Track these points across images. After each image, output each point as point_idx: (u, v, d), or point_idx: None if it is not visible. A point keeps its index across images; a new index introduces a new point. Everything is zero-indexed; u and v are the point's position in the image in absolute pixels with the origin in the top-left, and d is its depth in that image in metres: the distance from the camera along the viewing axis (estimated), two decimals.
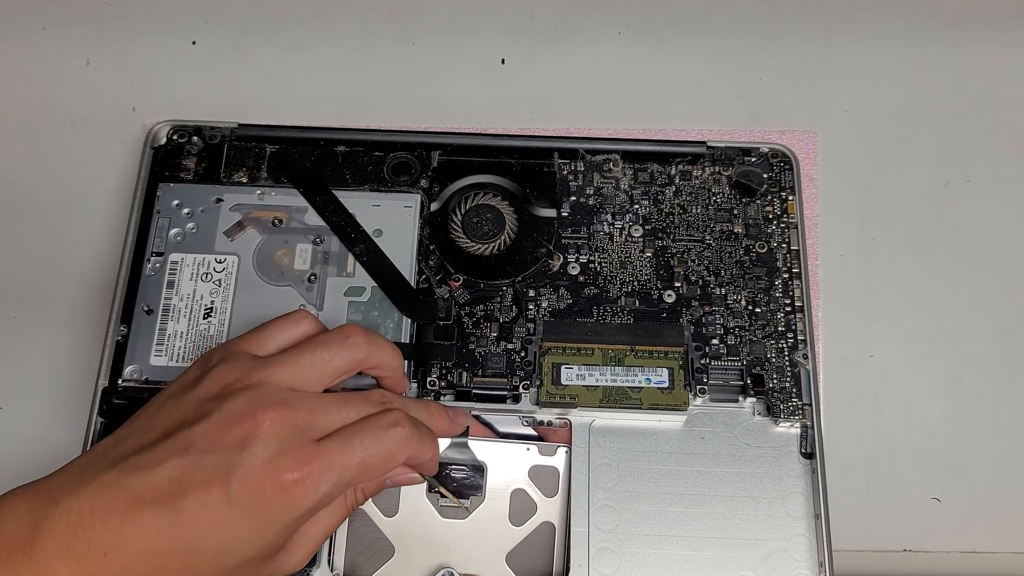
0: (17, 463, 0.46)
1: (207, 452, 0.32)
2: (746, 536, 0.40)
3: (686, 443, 0.42)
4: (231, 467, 0.32)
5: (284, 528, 0.33)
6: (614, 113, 0.52)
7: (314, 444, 0.33)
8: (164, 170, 0.46)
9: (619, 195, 0.47)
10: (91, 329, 0.47)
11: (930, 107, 0.53)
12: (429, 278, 0.44)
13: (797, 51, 0.54)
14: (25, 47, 0.53)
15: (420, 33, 0.54)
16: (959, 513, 0.46)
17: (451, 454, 0.41)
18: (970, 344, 0.48)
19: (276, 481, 0.32)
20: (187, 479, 0.31)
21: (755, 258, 0.45)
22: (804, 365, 0.43)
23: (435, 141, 0.48)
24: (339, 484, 0.33)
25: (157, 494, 0.31)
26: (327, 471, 0.33)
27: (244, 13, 0.54)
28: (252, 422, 0.32)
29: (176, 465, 0.32)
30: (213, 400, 0.34)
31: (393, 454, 0.35)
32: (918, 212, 0.51)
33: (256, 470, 0.32)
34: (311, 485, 0.32)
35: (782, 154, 0.48)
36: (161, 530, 0.31)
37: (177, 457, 0.32)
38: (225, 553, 0.32)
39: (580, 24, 0.54)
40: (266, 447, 0.32)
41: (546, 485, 0.41)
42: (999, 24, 0.54)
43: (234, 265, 0.44)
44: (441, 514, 0.41)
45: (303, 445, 0.33)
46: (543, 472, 0.42)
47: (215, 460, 0.32)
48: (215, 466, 0.32)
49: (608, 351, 0.43)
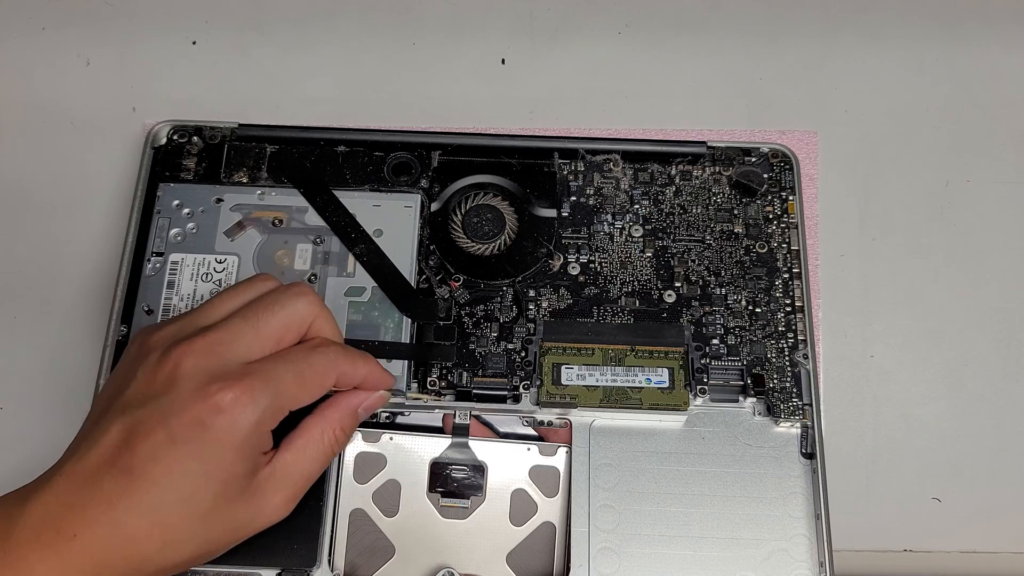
0: (17, 463, 0.46)
1: (141, 405, 0.33)
2: (746, 536, 0.40)
3: (686, 443, 0.42)
4: (164, 408, 0.32)
5: (236, 453, 0.33)
6: (614, 113, 0.52)
7: (244, 364, 0.34)
8: (164, 170, 0.46)
9: (619, 195, 0.47)
10: (91, 329, 0.47)
11: (930, 107, 0.53)
12: (429, 278, 0.44)
13: (797, 51, 0.54)
14: (25, 47, 0.53)
15: (420, 33, 0.54)
16: (959, 513, 0.46)
17: (452, 454, 0.41)
18: (970, 344, 0.48)
19: (211, 405, 0.32)
20: (130, 437, 0.32)
21: (755, 258, 0.45)
22: (804, 365, 0.43)
23: (435, 141, 0.48)
24: (278, 397, 0.33)
25: (107, 462, 0.32)
26: (262, 384, 0.33)
27: (244, 13, 0.54)
28: (173, 362, 0.33)
29: (117, 429, 0.32)
30: (136, 361, 0.34)
31: (325, 364, 0.35)
32: (918, 212, 0.51)
33: (188, 402, 0.32)
34: (248, 401, 0.33)
35: (782, 154, 0.48)
36: (120, 495, 0.31)
37: (117, 422, 0.33)
38: (188, 497, 0.32)
39: (580, 24, 0.54)
40: (193, 379, 0.33)
41: (546, 485, 0.41)
42: (999, 24, 0.54)
43: (234, 265, 0.44)
44: (441, 514, 0.41)
45: (227, 364, 0.33)
46: (543, 472, 0.42)
47: (149, 409, 0.32)
48: (150, 414, 0.32)
49: (608, 351, 0.43)
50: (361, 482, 0.41)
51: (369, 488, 0.41)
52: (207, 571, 0.38)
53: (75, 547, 0.31)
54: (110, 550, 0.31)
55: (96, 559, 0.31)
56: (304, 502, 0.36)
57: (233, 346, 0.34)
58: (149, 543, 0.32)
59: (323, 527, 0.40)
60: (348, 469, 0.41)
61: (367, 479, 0.41)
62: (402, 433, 0.42)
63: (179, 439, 0.32)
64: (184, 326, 0.35)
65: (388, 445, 0.42)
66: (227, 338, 0.34)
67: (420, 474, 0.41)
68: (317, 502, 0.40)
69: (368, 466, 0.41)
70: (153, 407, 0.32)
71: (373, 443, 0.42)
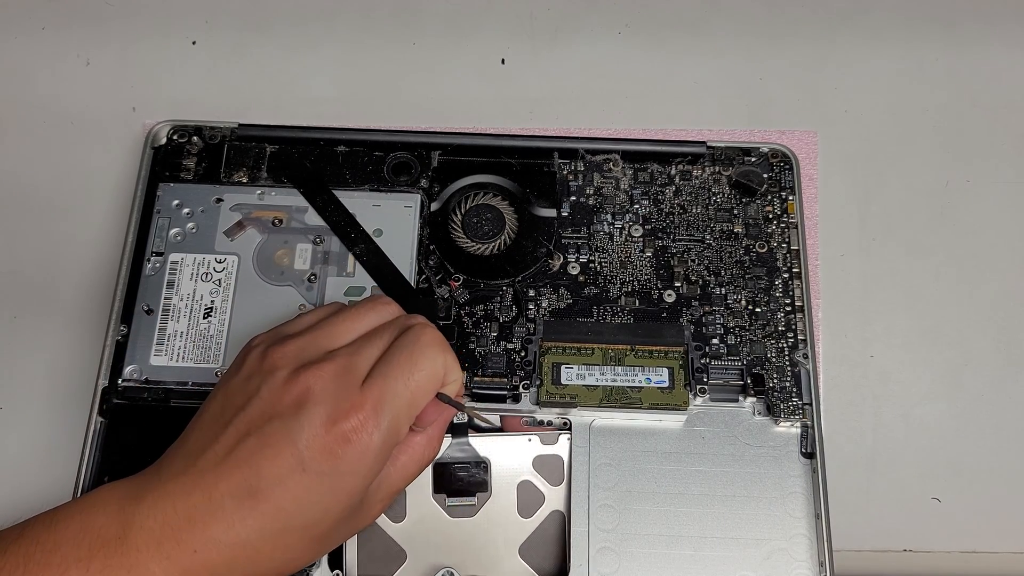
0: (17, 463, 0.46)
1: (267, 422, 0.32)
2: (746, 536, 0.40)
3: (686, 443, 0.42)
4: (294, 432, 0.32)
5: (362, 479, 0.33)
6: (614, 113, 0.52)
7: (360, 388, 0.33)
8: (164, 170, 0.46)
9: (619, 195, 0.47)
10: (91, 329, 0.47)
11: (930, 107, 0.53)
12: (429, 278, 0.44)
13: (797, 51, 0.54)
14: (25, 47, 0.53)
15: (420, 33, 0.54)
16: (959, 513, 0.46)
17: (454, 453, 0.41)
18: (970, 344, 0.48)
19: (339, 435, 0.32)
20: (256, 456, 0.32)
21: (755, 258, 0.45)
22: (804, 365, 0.43)
23: (435, 141, 0.48)
24: (397, 414, 0.34)
25: (232, 481, 0.31)
26: (380, 407, 0.33)
27: (244, 13, 0.54)
28: (303, 386, 0.33)
29: (242, 449, 0.32)
30: (258, 376, 0.34)
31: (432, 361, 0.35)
32: (918, 212, 0.51)
33: (319, 430, 0.32)
34: (372, 426, 0.32)
35: (782, 154, 0.48)
36: (245, 519, 0.31)
37: (241, 441, 0.32)
38: (314, 523, 0.32)
39: (580, 24, 0.54)
40: (321, 403, 0.32)
41: (551, 474, 0.41)
42: (999, 24, 0.54)
43: (234, 265, 0.44)
44: (449, 514, 0.41)
45: (352, 392, 0.33)
46: (547, 461, 0.42)
47: (276, 427, 0.32)
48: (278, 433, 0.32)
49: (608, 351, 0.43)
50: None
51: None
52: None
53: (196, 560, 0.31)
54: (229, 565, 0.31)
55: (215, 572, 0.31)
56: None
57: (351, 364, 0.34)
58: (268, 561, 0.32)
59: None
60: None
61: None
62: None
63: (310, 467, 0.32)
64: (308, 344, 0.35)
65: None
66: (359, 365, 0.34)
67: (424, 476, 0.41)
68: None
69: None
70: (280, 428, 0.32)
71: None
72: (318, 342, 0.35)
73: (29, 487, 0.46)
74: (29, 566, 0.29)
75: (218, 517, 0.31)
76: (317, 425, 0.32)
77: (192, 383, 0.42)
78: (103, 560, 0.30)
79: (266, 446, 0.32)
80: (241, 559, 0.31)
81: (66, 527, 0.31)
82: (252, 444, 0.32)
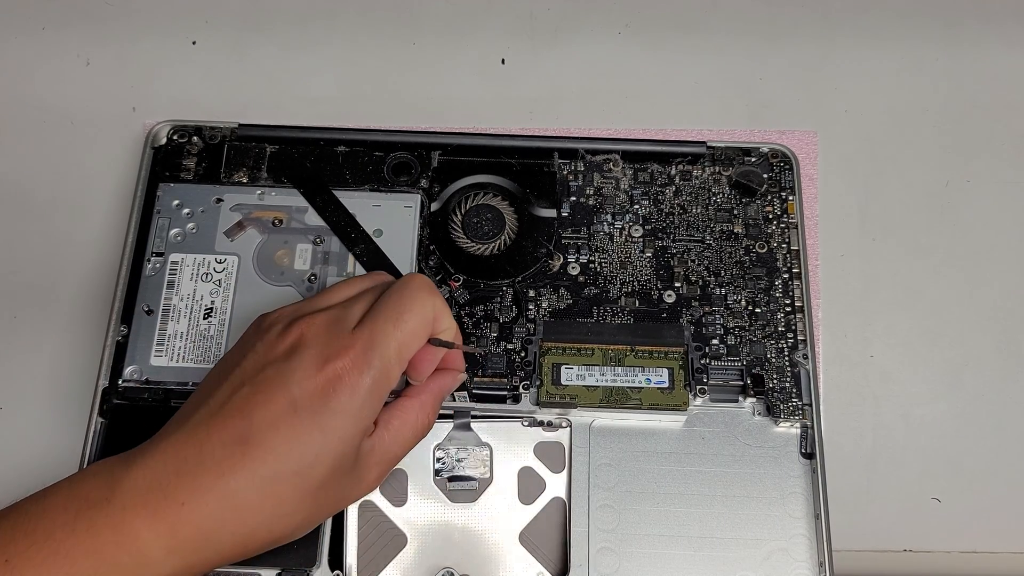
0: (17, 463, 0.46)
1: (260, 371, 0.33)
2: (746, 536, 0.40)
3: (686, 443, 0.42)
4: (286, 375, 0.32)
5: (353, 421, 0.33)
6: (614, 113, 0.52)
7: (350, 331, 0.34)
8: (164, 170, 0.46)
9: (619, 195, 0.47)
10: (91, 329, 0.47)
11: (930, 107, 0.53)
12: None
13: (797, 51, 0.54)
14: (25, 47, 0.53)
15: (420, 33, 0.54)
16: (959, 513, 0.46)
17: (456, 438, 0.42)
18: (970, 344, 0.48)
19: (330, 375, 0.32)
20: (249, 404, 0.32)
21: (755, 258, 0.45)
22: (804, 365, 0.43)
23: (435, 141, 0.48)
24: (387, 356, 0.33)
25: (224, 431, 0.31)
26: (370, 348, 0.33)
27: (244, 13, 0.54)
28: (295, 334, 0.33)
29: (236, 399, 0.32)
30: (254, 337, 0.35)
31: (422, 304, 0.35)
32: (918, 212, 0.51)
33: (311, 370, 0.32)
34: (362, 365, 0.33)
35: (782, 154, 0.48)
36: (234, 466, 0.31)
37: (235, 392, 0.32)
38: (305, 469, 0.32)
39: (580, 24, 0.54)
40: (313, 346, 0.33)
41: (552, 461, 0.42)
42: (999, 24, 0.54)
43: (234, 265, 0.44)
44: (450, 499, 0.41)
45: (343, 335, 0.33)
46: (548, 448, 0.42)
47: (269, 373, 0.32)
48: (271, 379, 0.32)
49: (608, 351, 0.43)
50: None
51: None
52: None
53: (183, 514, 0.30)
54: (218, 520, 0.31)
55: (203, 528, 0.30)
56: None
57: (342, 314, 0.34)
58: (259, 515, 0.31)
59: (323, 526, 0.40)
60: None
61: None
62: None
63: (301, 407, 0.32)
64: (303, 306, 0.36)
65: None
66: (350, 314, 0.34)
67: (426, 461, 0.41)
68: None
69: None
70: (273, 373, 0.32)
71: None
72: (312, 304, 0.36)
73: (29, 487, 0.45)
74: (15, 535, 0.30)
75: (207, 467, 0.31)
76: (308, 366, 0.32)
77: (192, 383, 0.42)
78: (88, 521, 0.30)
79: (258, 392, 0.32)
80: (230, 513, 0.31)
81: (55, 496, 0.31)
82: (245, 393, 0.32)
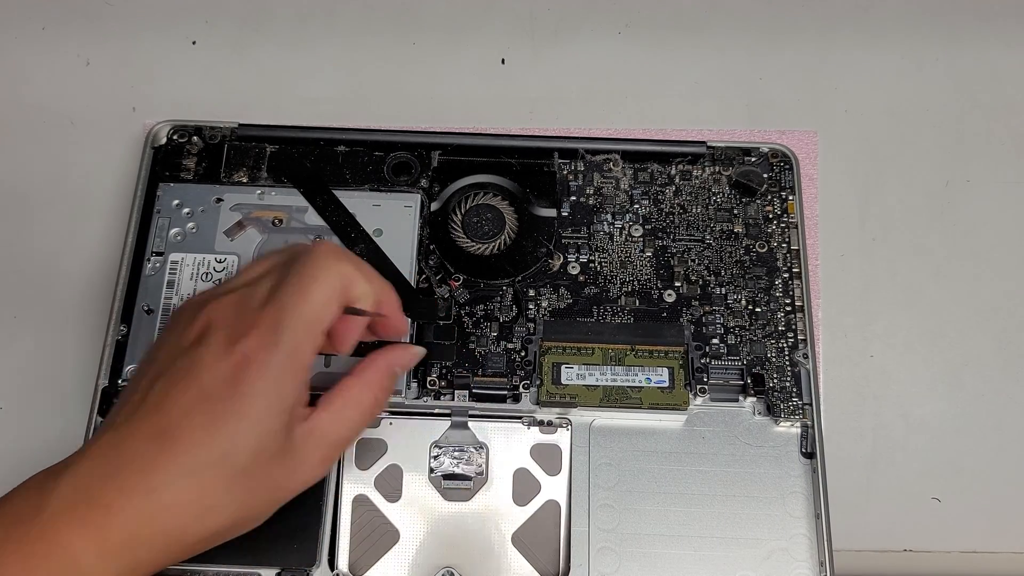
0: (17, 463, 0.46)
1: (172, 361, 0.32)
2: (746, 536, 0.40)
3: (686, 443, 0.42)
4: (196, 362, 0.32)
5: (266, 401, 0.32)
6: (614, 113, 0.52)
7: (258, 310, 0.33)
8: (164, 170, 0.46)
9: (619, 195, 0.47)
10: (91, 329, 0.47)
11: (930, 107, 0.53)
12: (429, 278, 0.44)
13: (797, 51, 0.54)
14: (25, 47, 0.53)
15: (420, 33, 0.54)
16: (959, 513, 0.46)
17: (452, 436, 0.42)
18: (970, 344, 0.48)
19: (238, 357, 0.32)
20: (164, 398, 0.31)
21: (755, 258, 0.45)
22: (804, 365, 0.43)
23: (435, 141, 0.48)
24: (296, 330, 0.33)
25: (143, 427, 0.31)
26: (278, 324, 0.32)
27: (244, 13, 0.54)
28: (203, 320, 0.33)
29: (152, 395, 0.32)
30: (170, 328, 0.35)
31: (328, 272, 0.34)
32: (918, 212, 0.51)
33: (220, 354, 0.32)
34: (269, 342, 0.32)
35: (782, 154, 0.48)
36: (154, 459, 0.30)
37: (152, 386, 0.32)
38: (225, 456, 0.31)
39: (580, 24, 0.54)
40: (220, 329, 0.32)
41: (549, 463, 0.41)
42: (999, 24, 0.54)
43: (234, 265, 0.44)
44: (444, 497, 0.41)
45: (249, 315, 0.33)
46: (545, 450, 0.42)
47: (181, 363, 0.32)
48: (182, 368, 0.32)
49: (608, 351, 0.43)
50: (362, 468, 0.41)
51: (371, 474, 0.41)
52: (208, 571, 0.38)
53: (110, 519, 0.30)
54: (147, 520, 0.30)
55: (132, 531, 0.30)
56: (303, 499, 0.35)
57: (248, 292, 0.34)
58: (187, 511, 0.31)
59: (323, 526, 0.40)
60: (349, 455, 0.41)
61: (368, 465, 0.41)
62: (402, 417, 0.42)
63: (212, 392, 0.31)
64: (214, 290, 0.35)
65: (388, 430, 0.42)
66: (256, 293, 0.34)
67: (421, 458, 0.41)
68: (316, 499, 0.40)
69: (369, 452, 0.41)
70: (185, 362, 0.32)
71: (373, 428, 0.42)
72: (223, 287, 0.35)
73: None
74: None
75: (130, 467, 0.30)
76: (217, 351, 0.32)
77: None
78: (18, 538, 0.29)
79: (172, 384, 0.32)
80: (158, 510, 0.30)
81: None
82: (160, 387, 0.32)
